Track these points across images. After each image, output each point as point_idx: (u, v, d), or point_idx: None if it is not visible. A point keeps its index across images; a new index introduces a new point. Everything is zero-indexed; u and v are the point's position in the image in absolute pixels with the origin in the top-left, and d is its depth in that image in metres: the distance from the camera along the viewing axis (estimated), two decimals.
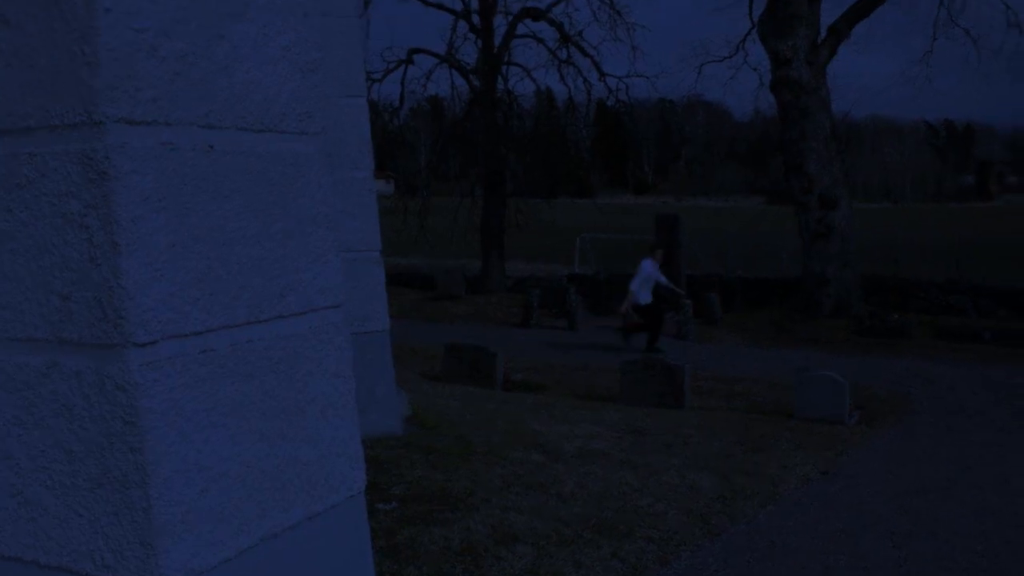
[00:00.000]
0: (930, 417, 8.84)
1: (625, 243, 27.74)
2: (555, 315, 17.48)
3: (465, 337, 12.43)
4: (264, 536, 2.43)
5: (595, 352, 13.65)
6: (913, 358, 12.77)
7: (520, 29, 22.76)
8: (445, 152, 26.54)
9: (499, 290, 21.59)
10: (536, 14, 22.71)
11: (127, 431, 2.12)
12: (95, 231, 2.10)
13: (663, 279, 13.82)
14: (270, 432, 2.45)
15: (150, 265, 2.13)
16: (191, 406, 2.23)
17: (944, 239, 28.19)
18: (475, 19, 22.89)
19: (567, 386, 10.83)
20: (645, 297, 13.49)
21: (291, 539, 2.53)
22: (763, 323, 16.10)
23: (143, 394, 2.11)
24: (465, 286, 21.67)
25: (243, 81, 2.41)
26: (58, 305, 2.20)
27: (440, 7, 22.87)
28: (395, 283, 17.39)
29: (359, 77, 6.52)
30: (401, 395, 6.97)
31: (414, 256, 25.97)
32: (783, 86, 16.09)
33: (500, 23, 22.88)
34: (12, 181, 2.25)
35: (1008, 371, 11.66)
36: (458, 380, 10.36)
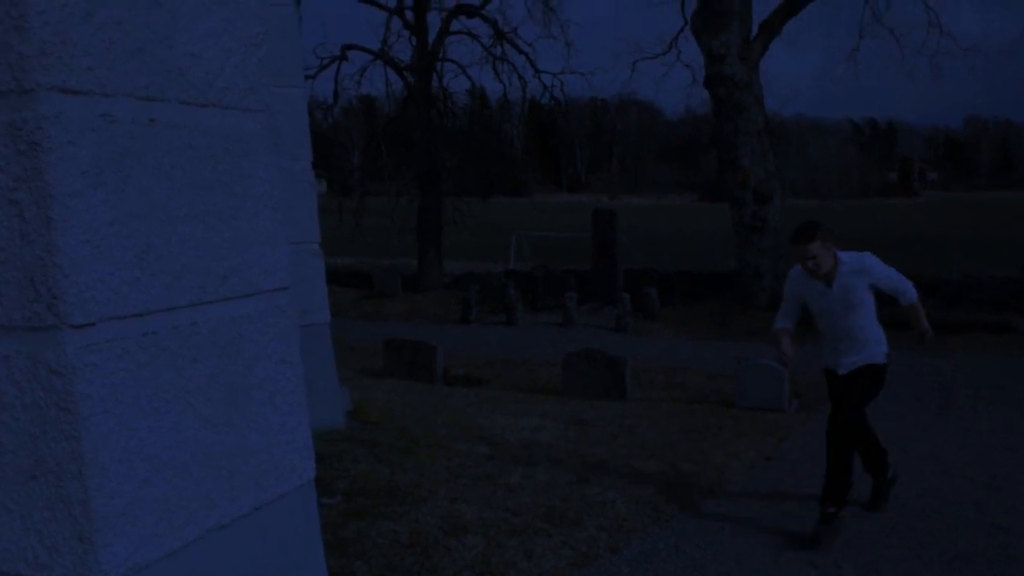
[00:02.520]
0: None
1: (560, 240, 27.82)
2: (494, 311, 17.42)
3: (404, 334, 12.29)
4: (211, 528, 2.31)
5: (536, 347, 13.62)
6: None
7: (455, 25, 22.67)
8: (379, 151, 26.36)
9: (436, 287, 21.46)
10: (470, 11, 22.62)
11: (63, 419, 1.99)
12: (26, 206, 1.97)
13: None
14: (216, 419, 2.34)
15: (88, 243, 2.00)
16: (132, 392, 2.10)
17: (870, 234, 28.82)
18: (409, 15, 22.73)
19: (509, 380, 10.78)
20: None
21: (239, 530, 2.41)
22: (700, 316, 16.25)
23: (80, 379, 1.98)
24: (402, 284, 21.50)
25: (184, 52, 2.30)
26: None
27: (373, 3, 22.66)
28: (331, 282, 17.15)
29: (297, 67, 6.38)
30: (343, 389, 6.85)
31: (349, 255, 25.69)
32: (717, 82, 16.26)
33: (434, 19, 22.77)
34: None
35: (937, 358, 11.92)
36: (398, 376, 10.24)
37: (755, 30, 16.81)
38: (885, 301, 5.18)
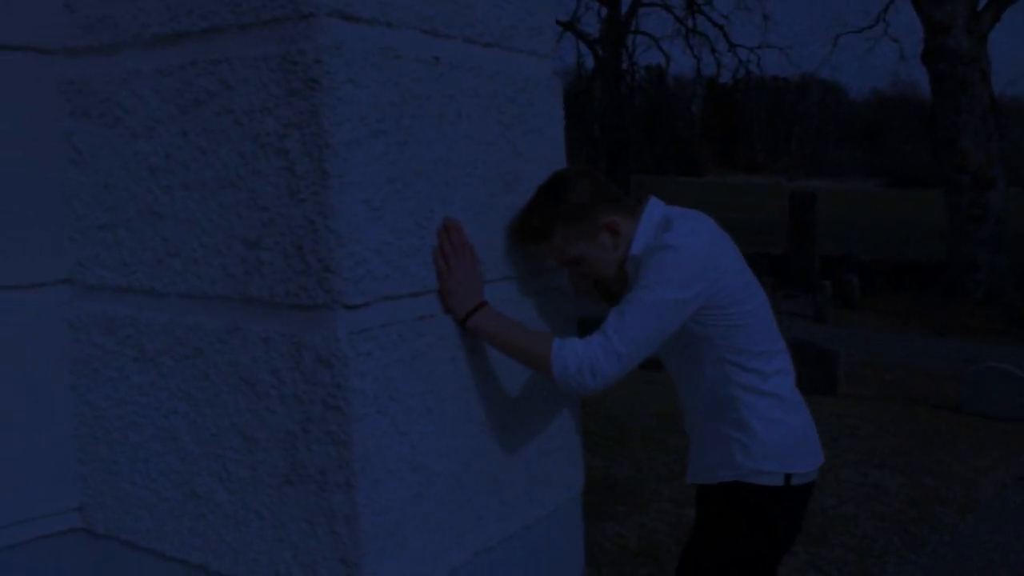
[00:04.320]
0: None
1: (743, 222, 26.74)
2: None
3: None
4: (479, 550, 1.93)
5: None
6: None
7: None
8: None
9: None
10: None
11: (330, 417, 1.63)
12: (297, 157, 1.61)
13: None
14: (491, 421, 1.95)
15: (367, 203, 1.62)
16: (406, 388, 1.72)
17: None
18: None
19: None
20: None
21: (506, 551, 2.03)
22: (905, 308, 15.10)
23: (353, 371, 1.60)
24: None
25: None
26: (243, 254, 1.72)
27: None
28: None
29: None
30: None
31: None
32: (938, 56, 14.96)
33: None
34: (187, 97, 1.75)
35: None
36: None
37: None
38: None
